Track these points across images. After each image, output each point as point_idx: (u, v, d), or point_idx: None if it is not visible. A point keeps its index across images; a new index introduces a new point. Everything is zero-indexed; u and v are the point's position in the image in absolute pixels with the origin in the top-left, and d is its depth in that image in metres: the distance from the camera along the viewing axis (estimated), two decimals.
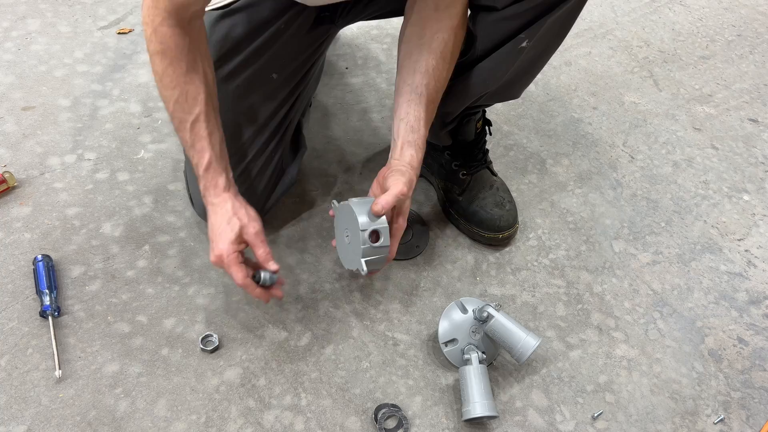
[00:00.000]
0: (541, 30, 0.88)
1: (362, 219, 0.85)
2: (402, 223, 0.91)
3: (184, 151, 0.91)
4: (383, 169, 0.91)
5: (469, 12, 0.94)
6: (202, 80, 0.86)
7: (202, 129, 0.86)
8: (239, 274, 0.86)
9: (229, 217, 0.88)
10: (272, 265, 0.89)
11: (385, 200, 0.84)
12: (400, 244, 1.12)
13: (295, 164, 1.12)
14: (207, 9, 1.00)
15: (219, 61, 0.99)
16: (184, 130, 0.87)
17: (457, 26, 0.91)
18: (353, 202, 0.87)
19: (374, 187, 0.92)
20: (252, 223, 0.89)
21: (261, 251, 0.89)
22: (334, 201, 0.93)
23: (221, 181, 0.89)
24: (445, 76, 0.93)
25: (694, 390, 1.00)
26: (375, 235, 0.85)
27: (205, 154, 0.87)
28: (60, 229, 1.08)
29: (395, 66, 1.50)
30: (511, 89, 1.06)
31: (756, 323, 1.10)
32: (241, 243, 0.88)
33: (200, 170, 0.88)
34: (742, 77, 1.63)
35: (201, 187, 0.90)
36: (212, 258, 0.88)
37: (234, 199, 0.90)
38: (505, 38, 0.91)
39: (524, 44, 0.90)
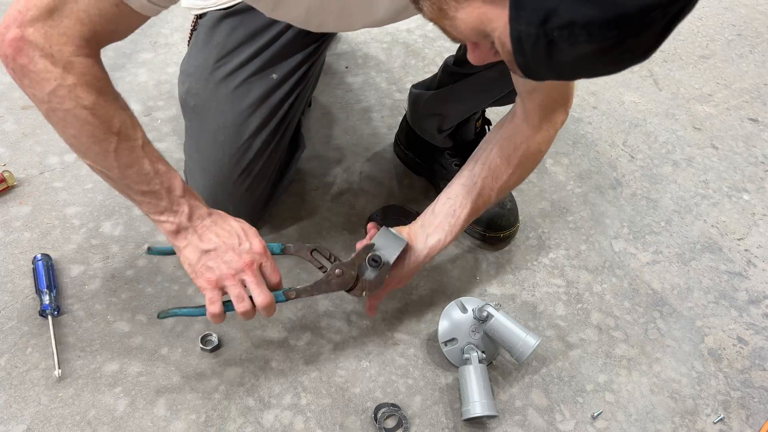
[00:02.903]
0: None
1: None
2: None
3: (140, 190, 0.76)
4: (409, 239, 0.91)
5: None
6: (124, 104, 0.75)
7: (153, 150, 0.76)
8: (266, 290, 0.80)
9: (243, 224, 0.82)
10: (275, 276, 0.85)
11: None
12: None
13: (293, 164, 1.12)
14: (209, 9, 1.00)
15: (219, 61, 0.99)
16: (138, 159, 0.74)
17: (529, 137, 0.91)
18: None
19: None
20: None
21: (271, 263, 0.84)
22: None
23: (198, 195, 0.82)
24: (506, 180, 0.92)
25: (693, 389, 1.00)
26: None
27: (174, 174, 0.78)
28: (59, 228, 1.08)
29: (395, 65, 1.51)
30: (511, 97, 1.06)
31: (756, 323, 1.10)
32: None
33: (176, 194, 0.77)
34: (742, 77, 1.63)
35: (183, 210, 0.78)
36: (247, 258, 0.78)
37: (228, 215, 0.84)
38: None
39: None
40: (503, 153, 0.91)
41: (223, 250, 0.78)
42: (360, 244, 0.89)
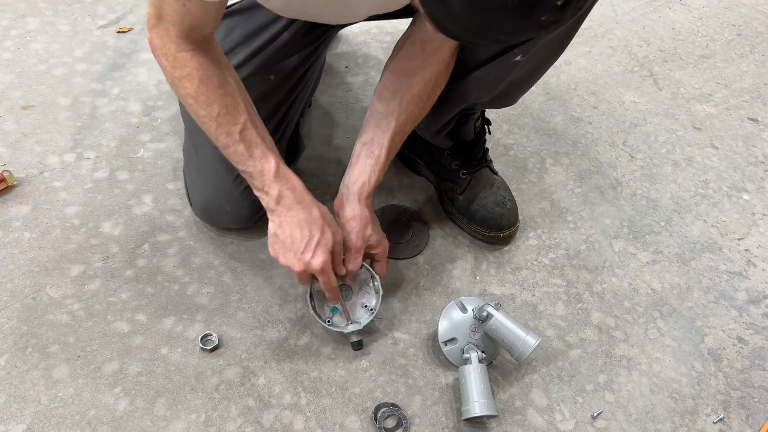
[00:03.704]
0: (536, 47, 0.88)
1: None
2: (381, 249, 0.95)
3: (239, 169, 0.87)
4: (336, 202, 0.95)
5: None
6: (235, 91, 0.84)
7: (253, 136, 0.84)
8: (332, 279, 0.88)
9: (322, 225, 0.87)
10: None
11: (351, 267, 0.93)
12: (400, 243, 1.12)
13: (293, 164, 1.12)
14: None
15: None
16: (234, 142, 0.83)
17: (439, 71, 0.93)
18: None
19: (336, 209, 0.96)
20: (339, 231, 0.91)
21: (352, 255, 0.92)
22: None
23: (296, 182, 0.87)
24: (418, 114, 0.96)
25: (693, 389, 1.00)
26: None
27: (269, 158, 0.84)
28: (59, 228, 1.08)
29: None
30: (507, 98, 1.05)
31: (756, 322, 1.10)
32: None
33: (269, 176, 0.84)
34: (741, 76, 1.63)
35: (273, 194, 0.85)
36: (303, 265, 0.86)
37: (318, 204, 0.89)
38: (499, 52, 0.91)
39: (518, 59, 0.89)
40: (412, 90, 0.92)
41: (288, 246, 0.86)
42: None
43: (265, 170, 0.84)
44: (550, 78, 1.52)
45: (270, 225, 0.88)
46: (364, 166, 0.93)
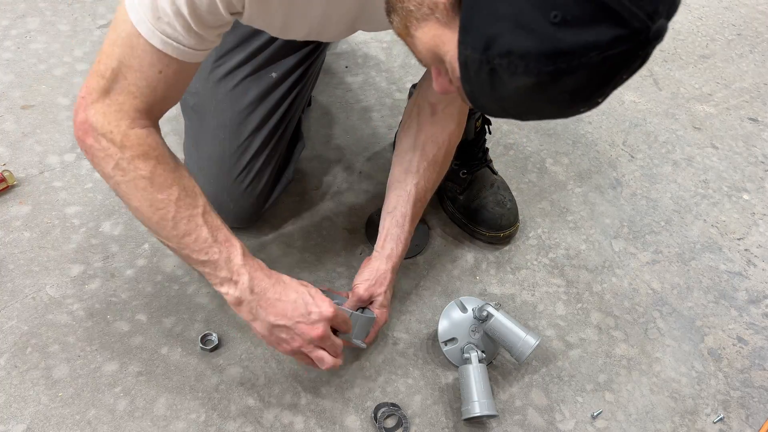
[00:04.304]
0: None
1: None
2: (380, 313, 0.93)
3: (197, 260, 0.75)
4: (366, 259, 0.95)
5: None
6: (187, 172, 0.77)
7: (214, 218, 0.76)
8: (339, 353, 0.82)
9: (311, 290, 0.81)
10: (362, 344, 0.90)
11: (349, 305, 0.92)
12: None
13: (293, 162, 1.12)
14: None
15: (218, 60, 0.99)
16: (197, 228, 0.74)
17: (451, 132, 0.95)
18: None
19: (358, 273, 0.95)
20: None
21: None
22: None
23: (261, 262, 0.80)
24: (436, 178, 0.97)
25: (693, 389, 1.00)
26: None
27: (234, 243, 0.76)
28: (59, 228, 1.08)
29: (395, 65, 1.51)
30: None
31: (756, 322, 1.10)
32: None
33: (236, 264, 0.75)
34: (742, 76, 1.63)
35: (243, 281, 0.76)
36: (315, 335, 0.77)
37: (286, 277, 0.81)
38: None
39: None
40: (428, 156, 0.95)
41: (294, 323, 0.77)
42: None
43: (232, 256, 0.75)
44: None
45: (257, 325, 0.78)
46: (391, 234, 0.94)
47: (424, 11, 0.54)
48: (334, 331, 0.83)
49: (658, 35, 0.46)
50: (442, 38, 0.53)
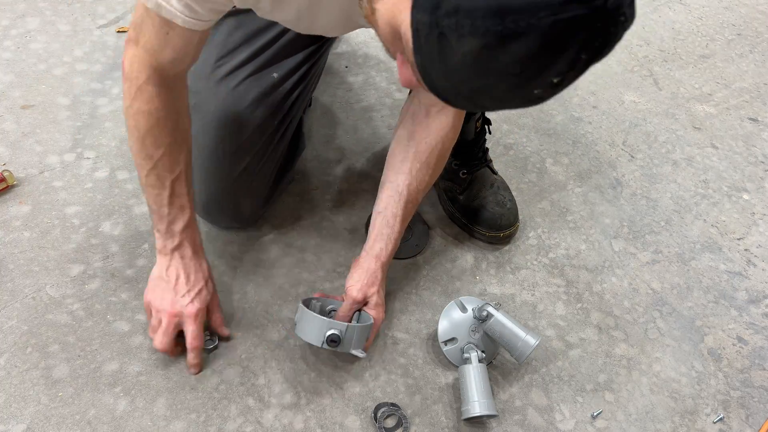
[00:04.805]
0: None
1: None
2: (376, 314, 0.94)
3: (150, 207, 0.88)
4: (355, 260, 0.96)
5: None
6: (184, 137, 0.86)
7: (182, 187, 0.87)
8: (200, 333, 0.91)
9: (207, 278, 0.92)
10: (225, 330, 0.96)
11: (342, 314, 0.93)
12: (400, 243, 1.12)
13: (293, 163, 1.12)
14: None
15: (219, 60, 0.98)
16: (161, 187, 0.85)
17: (445, 135, 0.95)
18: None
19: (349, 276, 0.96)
20: (215, 294, 0.95)
21: (218, 316, 0.96)
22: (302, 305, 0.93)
23: (198, 239, 0.92)
24: (428, 180, 0.97)
25: (693, 389, 1.00)
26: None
27: (185, 212, 0.88)
28: (59, 228, 1.08)
29: (395, 65, 1.50)
30: None
31: (755, 322, 1.10)
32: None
33: (177, 226, 0.88)
34: (741, 76, 1.63)
35: (174, 242, 0.89)
36: (177, 307, 0.89)
37: (206, 263, 0.93)
38: None
39: None
40: (421, 157, 0.95)
41: (168, 289, 0.89)
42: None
43: (176, 220, 0.88)
44: None
45: (155, 268, 0.91)
46: (381, 234, 0.95)
47: None
48: (337, 340, 0.86)
49: (617, 8, 0.44)
50: (399, 6, 0.52)
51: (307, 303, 0.93)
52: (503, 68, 0.47)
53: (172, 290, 0.89)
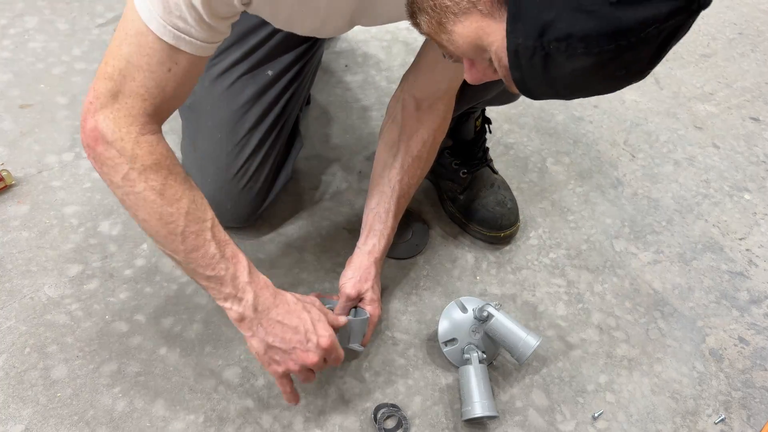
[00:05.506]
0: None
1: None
2: (372, 309, 0.92)
3: (203, 275, 0.74)
4: (349, 258, 0.95)
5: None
6: (198, 190, 0.75)
7: (222, 233, 0.75)
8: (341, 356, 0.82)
9: (307, 305, 0.80)
10: (340, 320, 0.86)
11: (337, 311, 0.90)
12: (400, 243, 1.12)
13: (290, 161, 1.12)
14: None
15: (213, 60, 0.98)
16: (206, 243, 0.72)
17: (436, 128, 0.95)
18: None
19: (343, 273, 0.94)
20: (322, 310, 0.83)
21: (334, 317, 0.85)
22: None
23: (263, 276, 0.79)
24: (420, 174, 0.97)
25: (694, 390, 1.00)
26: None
27: (240, 259, 0.75)
28: (58, 228, 1.08)
29: (395, 64, 1.50)
30: (509, 96, 1.05)
31: (757, 323, 1.10)
32: None
33: (242, 281, 0.74)
34: (743, 75, 1.62)
35: (249, 299, 0.75)
36: (311, 355, 0.77)
37: (293, 293, 0.82)
38: None
39: None
40: (412, 152, 0.94)
41: (290, 347, 0.77)
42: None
43: (239, 272, 0.75)
44: None
45: (254, 342, 0.77)
46: (374, 230, 0.94)
47: (464, 5, 0.54)
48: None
49: (707, 2, 0.47)
50: (486, 30, 0.53)
51: None
52: (611, 74, 0.51)
53: (294, 348, 0.77)
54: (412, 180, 0.96)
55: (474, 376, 0.90)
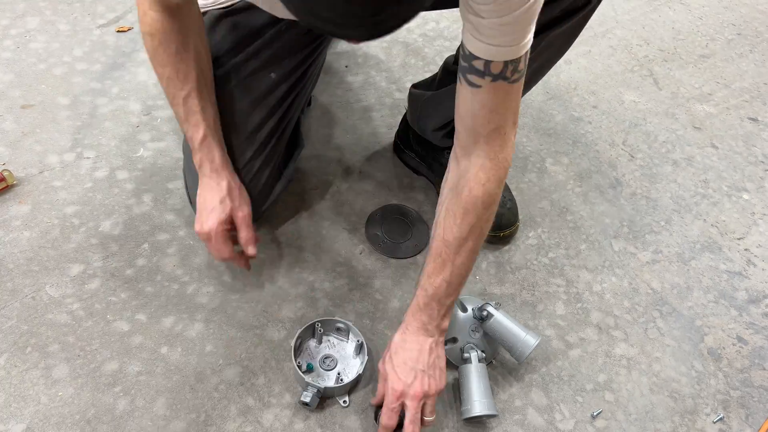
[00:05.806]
0: (540, 45, 0.88)
1: None
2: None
3: (180, 125, 0.94)
4: (390, 342, 0.89)
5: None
6: (193, 59, 0.90)
7: (194, 104, 0.91)
8: (227, 249, 0.93)
9: (223, 197, 0.92)
10: (251, 250, 0.95)
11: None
12: (400, 243, 1.12)
13: (292, 162, 1.12)
14: (208, 9, 1.00)
15: (217, 61, 0.98)
16: (177, 105, 0.91)
17: (486, 180, 0.82)
18: None
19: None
20: (242, 207, 0.95)
21: (245, 234, 0.95)
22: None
23: (217, 155, 0.94)
24: (465, 273, 0.86)
25: (693, 389, 1.00)
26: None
27: (199, 128, 0.91)
28: (59, 228, 1.08)
29: (395, 64, 1.51)
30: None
31: (755, 322, 1.10)
32: (229, 223, 0.93)
33: (195, 143, 0.92)
34: (742, 76, 1.63)
35: (196, 160, 0.93)
36: (198, 228, 0.92)
37: (230, 178, 0.95)
38: None
39: None
40: (449, 206, 0.84)
41: (199, 210, 0.93)
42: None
43: (194, 137, 0.92)
44: (550, 77, 1.52)
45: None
46: (417, 318, 0.87)
47: None
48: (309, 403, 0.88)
49: None
50: None
51: (311, 328, 0.96)
52: None
53: (198, 213, 0.93)
54: (458, 279, 0.86)
55: (473, 375, 0.90)
